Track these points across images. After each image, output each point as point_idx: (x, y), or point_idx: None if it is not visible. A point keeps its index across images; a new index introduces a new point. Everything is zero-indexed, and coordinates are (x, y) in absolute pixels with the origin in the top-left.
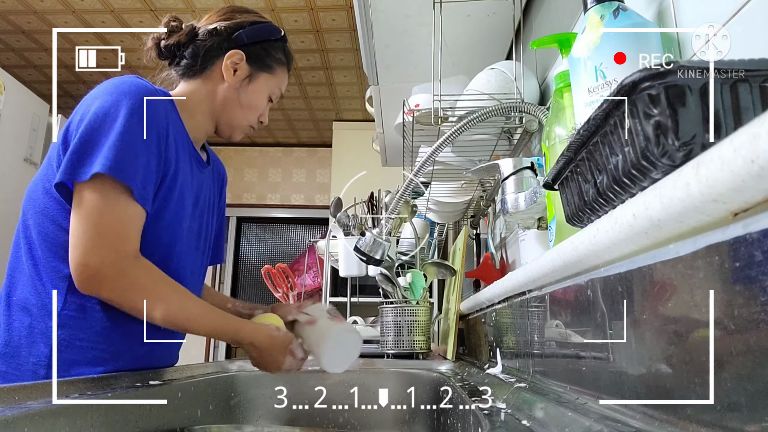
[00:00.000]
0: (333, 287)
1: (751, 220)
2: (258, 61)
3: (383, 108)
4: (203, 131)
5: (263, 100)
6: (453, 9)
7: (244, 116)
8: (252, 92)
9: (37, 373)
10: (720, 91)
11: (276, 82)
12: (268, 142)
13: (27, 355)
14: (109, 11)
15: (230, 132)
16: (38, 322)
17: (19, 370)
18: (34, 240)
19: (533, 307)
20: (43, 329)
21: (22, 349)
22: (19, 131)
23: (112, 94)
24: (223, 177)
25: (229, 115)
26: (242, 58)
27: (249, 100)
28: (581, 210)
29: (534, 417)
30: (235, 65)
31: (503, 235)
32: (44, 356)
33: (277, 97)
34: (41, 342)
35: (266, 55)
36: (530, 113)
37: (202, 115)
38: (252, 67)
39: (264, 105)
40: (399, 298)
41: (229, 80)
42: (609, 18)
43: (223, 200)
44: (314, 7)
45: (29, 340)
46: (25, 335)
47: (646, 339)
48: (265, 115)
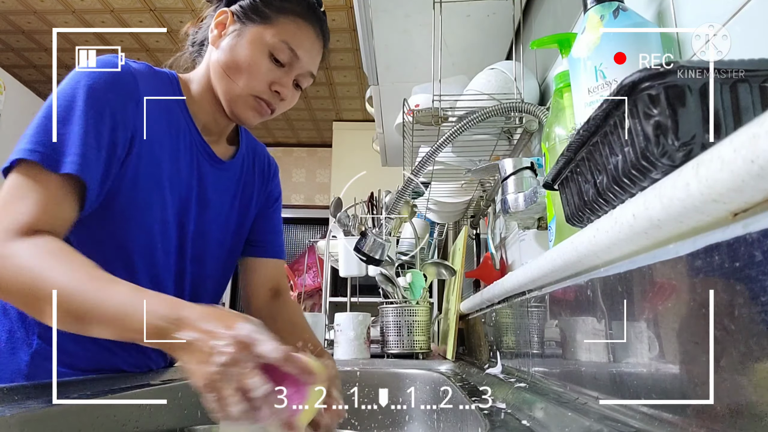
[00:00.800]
0: (333, 287)
1: (750, 220)
2: (248, 13)
3: (383, 108)
4: (212, 118)
5: (258, 56)
6: (453, 9)
7: (236, 82)
8: (238, 47)
9: (15, 382)
10: (720, 91)
11: (276, 33)
12: (268, 142)
13: (7, 362)
14: (108, 11)
15: (231, 107)
16: (18, 327)
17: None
18: None
19: (533, 307)
20: (23, 335)
21: (2, 356)
22: (19, 131)
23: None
24: (268, 169)
25: (221, 86)
26: (228, 15)
27: (235, 58)
28: (581, 210)
29: (534, 417)
30: (222, 25)
31: (503, 235)
32: (24, 364)
33: (286, 54)
34: (21, 349)
35: (260, 3)
36: (530, 113)
37: (203, 98)
38: (241, 21)
39: (263, 65)
40: (399, 298)
41: (215, 43)
42: (609, 18)
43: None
44: None
45: (9, 346)
46: (5, 340)
47: (645, 339)
48: (281, 83)
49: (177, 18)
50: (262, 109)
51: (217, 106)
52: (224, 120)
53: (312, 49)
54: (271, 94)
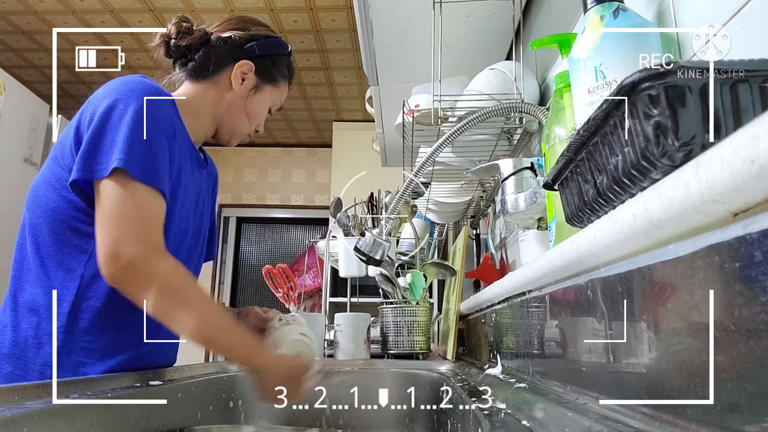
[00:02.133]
0: (333, 287)
1: (750, 220)
2: (265, 73)
3: (383, 108)
4: (203, 133)
5: (265, 110)
6: (453, 9)
7: (245, 124)
8: (257, 102)
9: (45, 374)
10: (720, 92)
11: (278, 94)
12: (268, 143)
13: (34, 356)
14: (108, 11)
15: (230, 137)
16: (46, 322)
17: (26, 371)
18: (42, 240)
19: (533, 307)
20: (50, 330)
21: (29, 350)
22: (19, 131)
23: (120, 92)
24: (215, 176)
25: (231, 122)
26: (251, 69)
27: (253, 109)
28: (581, 210)
29: (534, 417)
30: (244, 75)
31: (503, 236)
32: (52, 357)
33: (277, 108)
34: (49, 343)
35: (273, 68)
36: (530, 113)
37: (204, 118)
38: (259, 78)
39: (264, 115)
40: (399, 299)
41: (236, 88)
42: (609, 18)
43: (215, 198)
44: (314, 8)
45: (36, 340)
46: (32, 336)
47: (646, 339)
48: (262, 125)
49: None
50: (247, 139)
51: (212, 127)
52: (209, 137)
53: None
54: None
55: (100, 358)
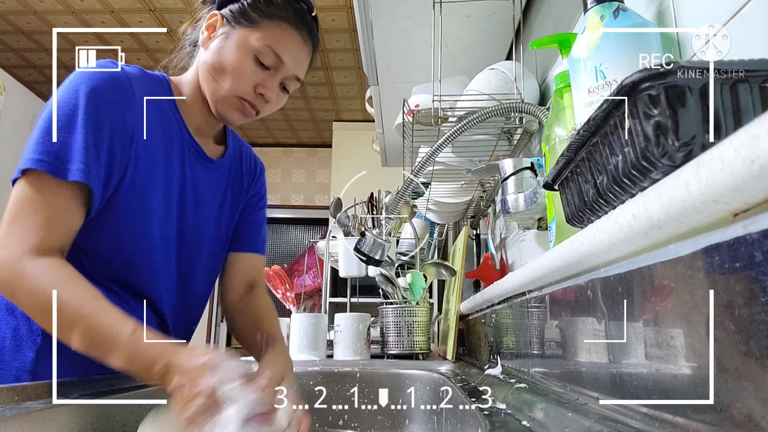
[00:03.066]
0: (333, 287)
1: (751, 220)
2: (237, 16)
3: (383, 108)
4: (202, 118)
5: (243, 60)
6: (453, 9)
7: (220, 83)
8: (227, 49)
9: (20, 379)
10: (720, 92)
11: (261, 37)
12: (268, 143)
13: (10, 359)
14: (108, 11)
15: (217, 107)
16: (23, 324)
17: (1, 375)
18: None
19: (533, 307)
20: (28, 333)
21: (6, 354)
22: (19, 131)
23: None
24: (254, 168)
25: (208, 86)
26: (218, 19)
27: (221, 59)
28: (581, 210)
29: (534, 417)
30: (213, 27)
31: (503, 236)
32: (29, 361)
33: (271, 58)
34: (27, 347)
35: (249, 8)
36: (530, 113)
37: (194, 98)
38: (229, 24)
39: (248, 68)
40: (399, 299)
41: (205, 45)
42: (609, 18)
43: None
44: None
45: (14, 343)
46: (10, 338)
47: (646, 339)
48: (265, 86)
49: (177, 18)
50: (246, 110)
51: (207, 106)
52: (213, 120)
53: (298, 54)
54: (256, 96)
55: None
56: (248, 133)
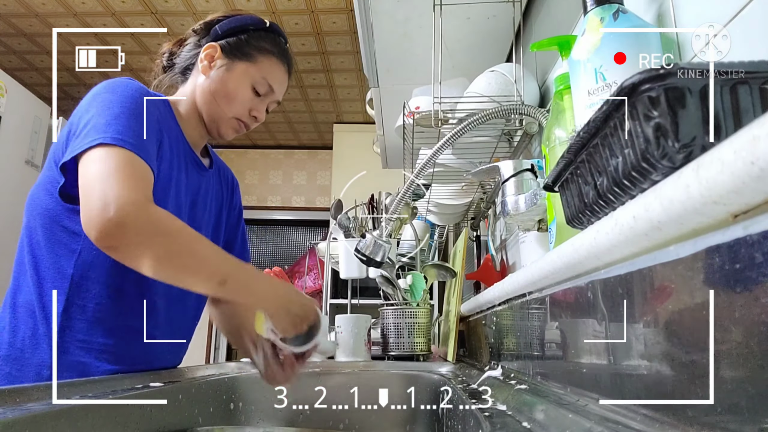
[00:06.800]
0: (333, 289)
1: (751, 221)
2: (236, 50)
3: (384, 110)
4: (198, 133)
5: (244, 89)
6: (453, 11)
7: (222, 108)
8: (229, 80)
9: (41, 375)
10: (720, 93)
11: (258, 70)
12: (269, 144)
13: (30, 357)
14: (110, 14)
15: (215, 127)
16: (41, 324)
17: (23, 372)
18: (37, 242)
19: (533, 308)
20: (45, 332)
21: (26, 352)
22: (21, 134)
23: (107, 88)
24: (232, 182)
25: (208, 109)
26: (216, 50)
27: (226, 89)
28: (581, 212)
29: (534, 419)
30: (211, 57)
31: (503, 237)
32: (48, 358)
33: (265, 87)
34: (45, 344)
35: (245, 44)
36: (530, 115)
37: (190, 116)
38: (229, 57)
39: (247, 96)
40: (399, 300)
41: (205, 72)
42: (609, 20)
43: (236, 204)
44: (315, 10)
45: (33, 342)
46: (29, 337)
47: (646, 340)
48: (258, 110)
49: (178, 21)
50: (240, 129)
51: (202, 123)
52: (205, 135)
53: (283, 83)
54: (249, 117)
55: (98, 358)
56: (250, 135)
